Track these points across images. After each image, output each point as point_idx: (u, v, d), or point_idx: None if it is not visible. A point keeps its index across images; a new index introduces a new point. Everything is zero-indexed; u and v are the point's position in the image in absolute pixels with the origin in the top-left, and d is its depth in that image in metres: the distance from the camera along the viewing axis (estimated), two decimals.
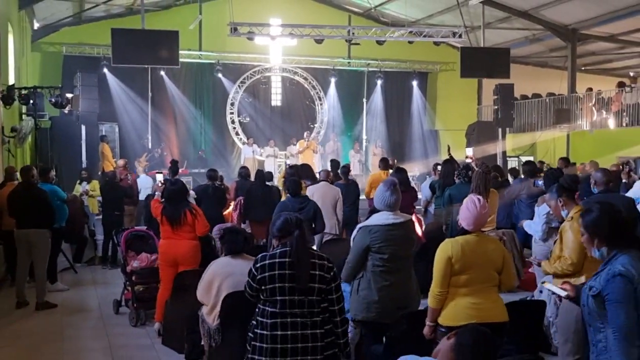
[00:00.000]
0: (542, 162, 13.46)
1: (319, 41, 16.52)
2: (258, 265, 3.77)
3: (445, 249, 4.02)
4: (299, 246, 3.76)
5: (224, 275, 4.72)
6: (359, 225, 4.74)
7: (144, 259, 7.19)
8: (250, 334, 3.83)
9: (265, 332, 3.71)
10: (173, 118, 19.35)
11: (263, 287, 3.73)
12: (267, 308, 3.75)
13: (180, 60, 15.02)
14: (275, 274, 3.71)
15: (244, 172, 11.08)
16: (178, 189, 6.60)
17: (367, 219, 4.87)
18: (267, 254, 3.84)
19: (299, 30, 16.90)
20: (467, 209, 4.08)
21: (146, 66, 16.64)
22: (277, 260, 3.74)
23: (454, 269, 3.97)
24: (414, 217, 7.62)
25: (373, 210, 4.92)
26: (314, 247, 5.81)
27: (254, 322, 3.81)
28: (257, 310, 3.83)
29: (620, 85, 17.35)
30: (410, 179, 17.95)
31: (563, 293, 3.47)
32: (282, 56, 19.90)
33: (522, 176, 9.44)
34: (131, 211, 11.01)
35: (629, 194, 7.30)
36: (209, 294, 4.75)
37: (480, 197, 4.18)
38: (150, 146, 18.33)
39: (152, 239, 7.42)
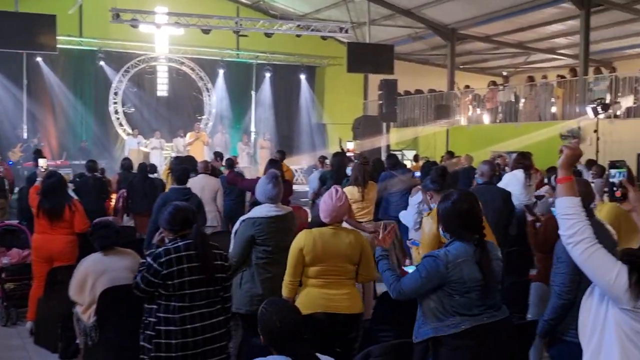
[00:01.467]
0: (417, 156, 14.00)
1: (206, 31, 16.27)
2: (162, 260, 3.62)
3: (298, 240, 4.08)
4: (202, 237, 3.75)
5: (97, 273, 4.57)
6: (241, 218, 4.74)
7: (14, 254, 6.81)
8: (149, 332, 3.68)
9: (173, 328, 3.62)
10: (51, 107, 18.35)
11: (169, 282, 3.62)
12: (173, 303, 3.64)
13: (59, 46, 14.33)
14: (184, 267, 3.63)
15: (126, 163, 10.77)
16: (55, 181, 6.28)
17: (249, 211, 4.89)
18: (168, 247, 3.70)
19: (186, 19, 16.58)
20: (324, 201, 4.14)
21: (21, 51, 15.68)
22: (182, 253, 3.65)
23: (305, 260, 4.03)
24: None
25: (255, 203, 4.94)
26: None
27: (153, 320, 3.67)
28: (154, 307, 3.68)
29: (493, 84, 18.45)
30: (299, 171, 18.36)
31: None
32: (168, 45, 19.39)
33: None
34: (2, 204, 10.38)
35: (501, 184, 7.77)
36: (82, 293, 4.58)
37: (339, 189, 4.22)
38: (25, 136, 17.33)
39: (24, 234, 7.03)
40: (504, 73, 22.45)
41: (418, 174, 7.27)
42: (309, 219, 7.69)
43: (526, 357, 4.32)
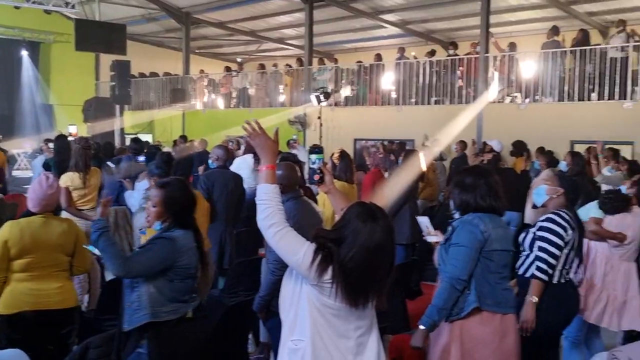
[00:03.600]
0: (147, 142, 13.74)
1: None
2: None
3: (3, 232, 3.80)
4: None
5: None
6: None
7: None
8: None
9: None
10: None
11: None
12: None
13: None
14: None
15: None
16: None
17: None
18: None
19: None
20: (32, 189, 3.92)
21: None
22: None
23: (11, 253, 3.75)
24: None
25: None
26: None
27: None
28: None
29: (227, 69, 18.89)
30: (22, 155, 16.82)
31: None
32: None
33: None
34: None
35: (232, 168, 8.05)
36: None
37: (50, 176, 4.04)
38: None
39: None
40: (238, 59, 23.08)
41: (142, 158, 7.20)
42: None
43: (246, 332, 4.61)
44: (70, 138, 9.91)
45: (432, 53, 15.23)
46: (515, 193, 6.89)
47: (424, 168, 7.60)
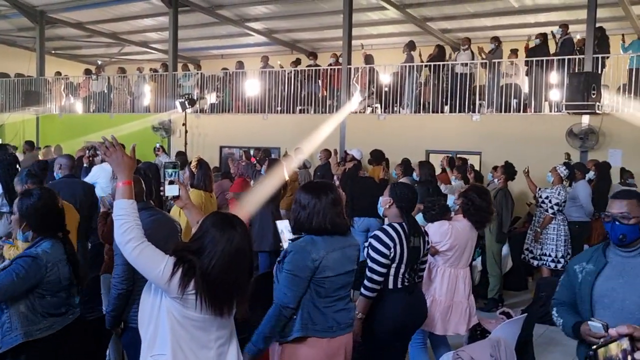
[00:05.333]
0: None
1: None
2: None
3: None
4: None
5: None
6: None
7: None
8: None
9: None
10: None
11: None
12: None
13: None
14: None
15: None
16: None
17: None
18: None
19: None
20: None
21: None
22: None
23: None
24: None
25: None
26: None
27: None
28: None
29: (87, 72, 18.08)
30: None
31: None
32: None
33: None
34: None
35: (87, 179, 7.72)
36: None
37: None
38: None
39: None
40: (99, 62, 22.13)
41: None
42: None
43: (104, 350, 4.47)
44: None
45: (296, 62, 15.51)
46: (374, 200, 7.20)
47: (287, 177, 7.74)
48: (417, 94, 13.07)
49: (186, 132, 14.42)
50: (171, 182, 3.16)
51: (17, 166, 6.59)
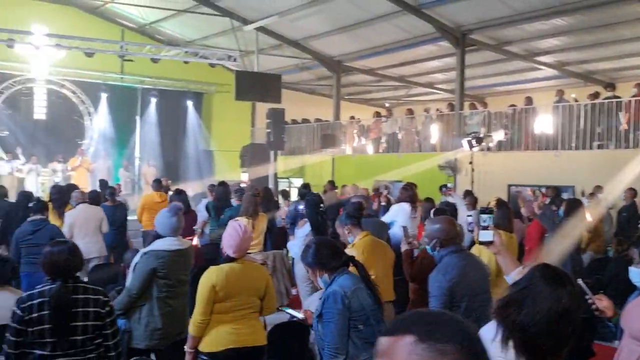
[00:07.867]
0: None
1: (89, 54, 15.75)
2: (25, 305, 3.43)
3: (209, 277, 4.06)
4: (59, 291, 3.47)
5: None
6: (142, 251, 4.65)
7: None
8: None
9: None
10: None
11: (30, 329, 3.40)
12: (35, 351, 3.42)
13: None
14: (44, 314, 3.42)
15: (2, 191, 10.14)
16: None
17: (149, 243, 4.77)
18: (34, 292, 3.50)
19: (67, 41, 15.97)
20: (230, 236, 4.14)
21: None
22: (46, 299, 3.44)
23: (218, 296, 4.03)
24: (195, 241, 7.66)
25: (158, 236, 4.85)
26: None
27: None
28: (19, 353, 3.44)
29: (377, 115, 19.14)
30: None
31: (300, 316, 3.88)
32: (48, 67, 18.52)
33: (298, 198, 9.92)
34: None
35: (385, 218, 8.05)
36: None
37: (242, 223, 4.29)
38: None
39: None
40: (387, 104, 23.34)
41: (302, 206, 7.38)
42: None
43: None
44: (242, 185, 10.44)
45: (595, 95, 14.42)
46: None
47: (590, 219, 7.14)
48: None
49: (472, 170, 14.30)
50: (484, 228, 3.10)
51: (321, 204, 7.12)
